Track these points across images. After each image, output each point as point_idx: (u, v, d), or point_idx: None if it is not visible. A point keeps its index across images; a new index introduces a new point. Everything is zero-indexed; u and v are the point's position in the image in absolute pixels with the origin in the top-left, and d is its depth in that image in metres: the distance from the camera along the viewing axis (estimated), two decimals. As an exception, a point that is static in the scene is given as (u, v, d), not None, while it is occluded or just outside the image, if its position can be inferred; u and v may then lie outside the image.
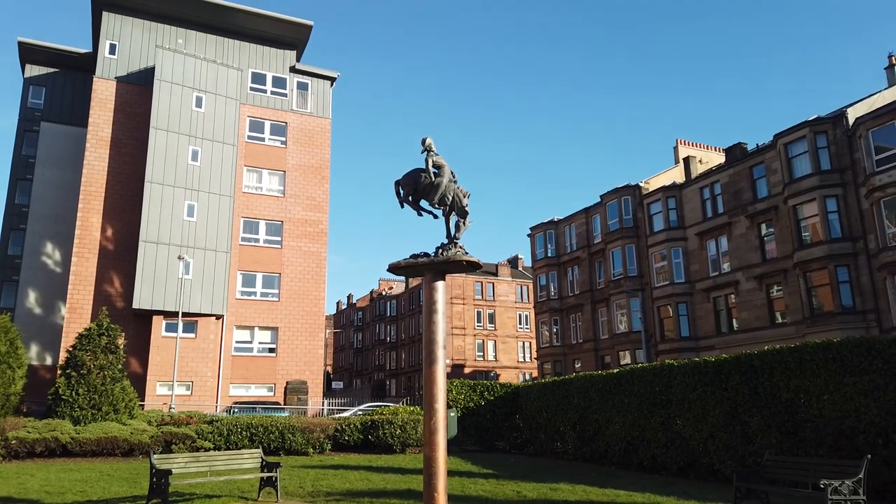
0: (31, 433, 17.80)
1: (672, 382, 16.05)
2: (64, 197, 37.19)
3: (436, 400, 8.09)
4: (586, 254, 49.08)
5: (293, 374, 35.26)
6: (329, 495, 11.63)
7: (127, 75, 36.25)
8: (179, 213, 33.77)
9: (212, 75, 36.35)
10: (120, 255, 33.81)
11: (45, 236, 37.46)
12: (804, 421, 12.38)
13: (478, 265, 8.43)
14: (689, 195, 41.33)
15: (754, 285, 36.03)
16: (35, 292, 36.74)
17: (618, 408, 17.94)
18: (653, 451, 16.40)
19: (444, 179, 8.64)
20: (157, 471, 10.04)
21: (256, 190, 38.00)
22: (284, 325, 36.38)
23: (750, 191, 37.01)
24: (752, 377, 13.72)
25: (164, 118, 34.36)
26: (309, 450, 20.11)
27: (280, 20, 39.16)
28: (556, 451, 20.93)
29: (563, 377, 22.62)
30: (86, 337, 19.79)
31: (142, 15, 37.03)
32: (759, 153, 37.10)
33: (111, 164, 34.73)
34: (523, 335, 73.98)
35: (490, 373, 70.21)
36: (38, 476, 13.96)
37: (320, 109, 40.47)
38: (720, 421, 14.36)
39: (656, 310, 41.81)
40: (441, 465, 7.94)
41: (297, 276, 37.25)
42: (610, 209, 46.35)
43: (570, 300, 50.33)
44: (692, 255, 40.44)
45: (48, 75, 39.59)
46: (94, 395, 19.20)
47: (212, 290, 33.73)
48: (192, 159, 34.74)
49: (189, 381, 32.78)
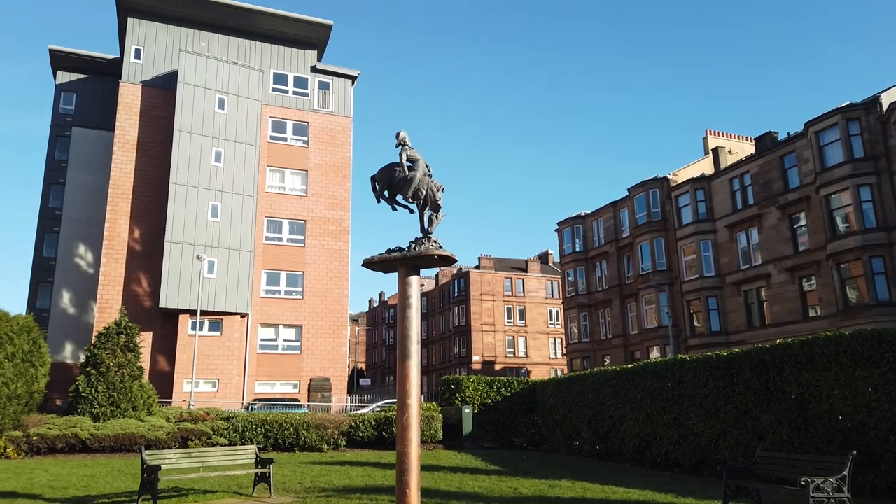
0: (51, 429, 18.27)
1: (684, 378, 15.64)
2: (95, 200, 38.13)
3: (408, 396, 7.98)
4: (614, 248, 48.34)
5: (317, 371, 35.54)
6: (323, 491, 11.61)
7: (152, 79, 36.98)
8: (204, 213, 34.32)
9: (234, 77, 36.83)
10: (147, 256, 34.53)
11: (77, 239, 38.49)
12: (815, 417, 11.90)
13: (451, 259, 8.30)
14: (718, 187, 40.33)
15: (786, 278, 34.98)
16: (69, 293, 37.78)
17: (631, 404, 17.58)
18: (665, 448, 16.00)
19: (418, 173, 8.51)
20: (147, 466, 10.14)
21: (279, 189, 38.40)
22: (308, 322, 36.70)
23: (781, 181, 35.92)
24: (763, 372, 13.26)
25: (187, 120, 34.95)
26: (323, 446, 20.21)
27: (301, 20, 39.45)
28: (572, 448, 20.61)
29: (577, 373, 22.27)
30: (105, 336, 20.20)
31: (166, 20, 37.72)
32: (789, 142, 35.97)
33: (137, 167, 35.49)
34: (554, 331, 73.34)
35: (521, 369, 69.81)
36: (50, 471, 14.27)
37: (341, 108, 40.68)
38: (731, 417, 13.93)
39: (685, 304, 40.95)
40: (413, 461, 7.82)
41: (320, 274, 37.53)
42: (637, 202, 45.54)
43: (599, 295, 49.66)
44: (722, 248, 39.46)
45: (78, 81, 40.64)
46: (113, 392, 19.59)
47: (236, 288, 34.21)
48: (215, 160, 35.26)
49: (215, 378, 33.31)
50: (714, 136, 46.54)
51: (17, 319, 20.19)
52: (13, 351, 19.56)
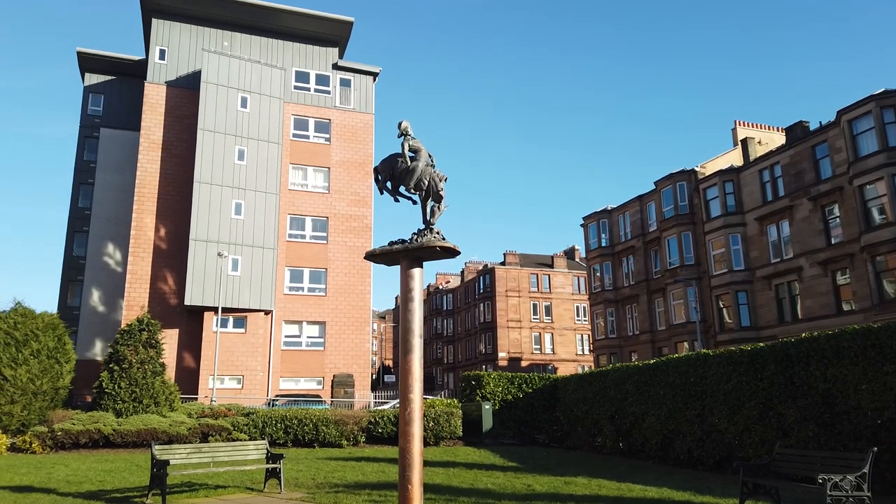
0: (75, 425, 18.51)
1: (707, 373, 15.21)
2: (122, 199, 38.73)
3: (411, 390, 7.81)
4: (641, 242, 47.60)
5: (340, 368, 35.63)
6: (334, 486, 11.52)
7: (176, 79, 37.40)
8: (227, 211, 34.62)
9: (256, 75, 37.06)
10: (172, 254, 34.96)
11: (106, 237, 39.16)
12: (841, 413, 11.43)
13: (454, 251, 8.09)
14: (747, 178, 39.39)
15: (819, 271, 34.01)
16: (98, 291, 38.47)
17: (653, 400, 17.18)
18: (688, 445, 15.59)
19: (420, 164, 8.31)
20: (156, 461, 10.15)
21: (302, 187, 38.56)
22: (332, 319, 36.82)
23: (812, 171, 34.93)
24: (788, 366, 12.80)
25: (210, 119, 35.27)
26: (342, 442, 20.17)
27: (322, 18, 39.52)
28: (594, 445, 20.27)
29: (599, 369, 21.89)
30: (127, 332, 20.39)
31: (189, 20, 38.11)
32: (821, 131, 34.95)
33: (163, 166, 35.94)
34: (581, 327, 72.62)
35: (547, 366, 69.29)
36: (70, 466, 14.44)
37: (363, 105, 40.69)
38: (755, 413, 13.49)
39: (714, 299, 40.12)
40: (416, 457, 7.65)
41: (343, 270, 37.61)
42: (665, 196, 44.77)
43: (626, 291, 48.97)
44: (752, 241, 38.56)
45: (106, 83, 41.31)
46: (136, 388, 19.76)
47: (260, 286, 34.45)
48: (238, 159, 35.54)
49: (240, 374, 33.60)
50: (743, 127, 45.52)
51: (42, 317, 20.58)
52: (39, 348, 19.96)
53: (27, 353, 19.61)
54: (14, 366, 19.24)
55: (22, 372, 19.26)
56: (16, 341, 19.55)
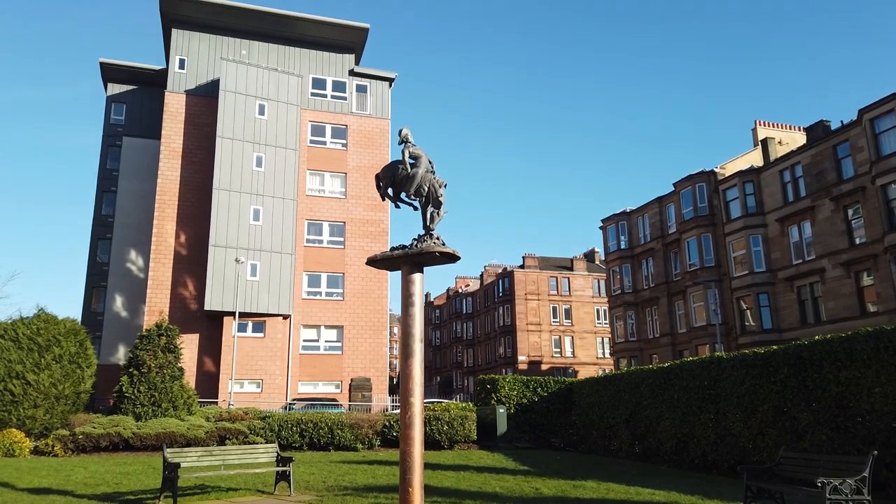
0: (96, 428, 18.87)
1: (720, 376, 15.09)
2: (144, 206, 39.40)
3: (411, 394, 7.88)
4: (660, 244, 47.20)
5: (358, 371, 35.84)
6: (343, 489, 11.63)
7: (195, 88, 37.99)
8: (246, 217, 35.05)
9: (273, 83, 37.52)
10: (192, 260, 35.48)
11: (128, 244, 39.87)
12: (855, 416, 11.27)
13: (454, 257, 8.18)
14: (768, 179, 38.89)
15: (841, 272, 33.44)
16: (121, 296, 39.16)
17: (668, 403, 17.07)
18: (703, 449, 15.47)
19: (420, 170, 8.44)
20: (167, 464, 10.33)
21: (319, 192, 38.91)
22: (349, 323, 37.06)
23: (834, 171, 34.39)
24: (801, 369, 12.66)
25: (229, 127, 35.77)
26: (357, 445, 20.30)
27: (338, 25, 39.89)
28: (610, 448, 20.16)
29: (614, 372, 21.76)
30: (146, 338, 20.76)
31: (208, 30, 38.71)
32: (843, 130, 34.39)
33: (182, 174, 36.52)
34: (602, 331, 72.12)
35: (568, 369, 68.90)
36: (89, 468, 14.73)
37: (379, 110, 40.96)
38: (769, 416, 13.35)
39: (735, 301, 39.64)
40: (417, 460, 7.72)
41: (361, 275, 37.83)
42: (684, 197, 44.36)
43: (645, 293, 48.58)
44: (773, 243, 38.04)
45: (128, 92, 42.11)
46: (154, 392, 20.10)
47: (278, 290, 34.81)
48: (256, 165, 35.98)
49: (259, 378, 33.96)
50: (763, 127, 44.98)
51: (64, 323, 21.02)
52: (60, 353, 20.39)
53: (49, 359, 20.05)
54: (37, 371, 19.68)
55: (44, 377, 19.69)
56: (38, 347, 20.00)
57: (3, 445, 17.75)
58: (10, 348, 19.71)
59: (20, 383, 19.36)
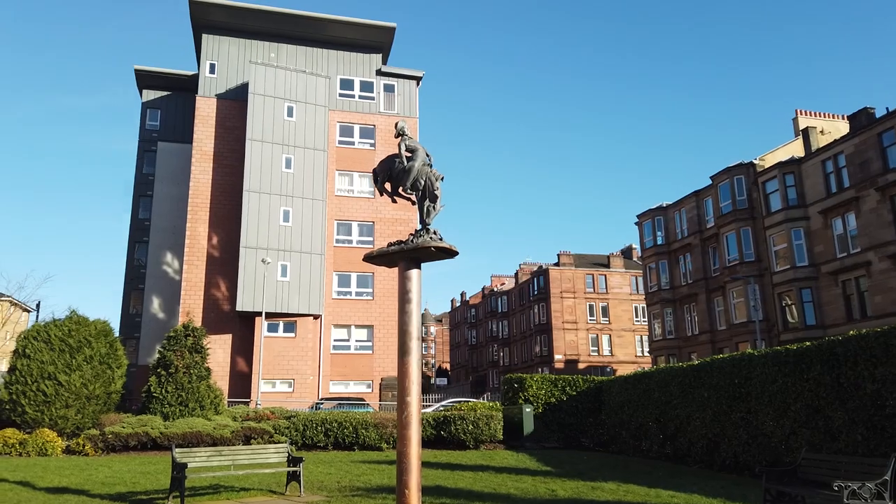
0: (125, 428, 19.15)
1: (751, 374, 14.45)
2: (179, 210, 40.08)
3: (408, 393, 7.63)
4: (698, 240, 45.98)
5: (389, 371, 35.78)
6: (355, 490, 11.46)
7: (225, 92, 38.50)
8: (276, 219, 35.33)
9: (301, 85, 37.75)
10: (225, 262, 35.92)
11: (164, 247, 40.65)
12: (892, 415, 10.58)
13: (451, 252, 7.91)
14: (809, 170, 37.48)
15: (889, 265, 31.99)
16: (158, 298, 39.93)
17: (698, 402, 16.46)
18: (734, 450, 14.84)
19: (417, 164, 8.19)
20: (176, 464, 10.29)
21: (348, 193, 39.01)
22: (379, 322, 37.05)
23: (879, 160, 32.92)
24: (835, 366, 11.99)
25: (258, 129, 36.12)
26: (382, 445, 20.15)
27: (365, 25, 39.95)
28: (640, 449, 19.58)
29: (643, 371, 21.14)
30: (173, 338, 20.97)
31: (237, 34, 39.19)
32: (888, 118, 32.91)
33: (214, 177, 37.03)
34: (640, 328, 70.73)
35: (605, 368, 67.78)
36: (113, 468, 14.89)
37: (407, 109, 40.87)
38: (802, 416, 12.70)
39: (777, 297, 38.31)
40: (414, 461, 7.46)
41: (391, 274, 37.68)
42: (722, 190, 43.09)
43: (683, 290, 47.38)
44: (815, 236, 36.64)
45: (162, 98, 42.95)
46: (182, 392, 20.30)
47: (308, 291, 35.00)
48: (285, 167, 36.25)
49: (291, 378, 34.18)
50: (805, 116, 43.38)
51: (95, 324, 21.40)
52: (91, 354, 20.76)
53: (80, 359, 20.43)
54: (68, 371, 20.07)
55: (76, 377, 20.08)
56: (70, 348, 20.41)
57: (36, 445, 18.13)
58: (43, 350, 20.15)
59: (52, 384, 19.78)
